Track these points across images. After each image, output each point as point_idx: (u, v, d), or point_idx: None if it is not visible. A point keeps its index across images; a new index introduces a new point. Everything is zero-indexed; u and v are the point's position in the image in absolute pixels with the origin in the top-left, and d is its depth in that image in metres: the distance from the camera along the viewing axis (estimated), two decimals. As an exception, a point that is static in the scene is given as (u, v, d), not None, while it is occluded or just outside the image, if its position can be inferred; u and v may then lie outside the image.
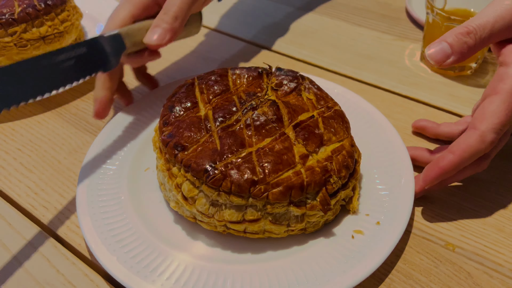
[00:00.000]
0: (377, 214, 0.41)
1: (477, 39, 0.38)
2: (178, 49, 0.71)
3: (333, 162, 0.39)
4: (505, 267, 0.39)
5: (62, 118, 0.59)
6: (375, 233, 0.39)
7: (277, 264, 0.39)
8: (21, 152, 0.54)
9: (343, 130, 0.42)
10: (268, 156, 0.38)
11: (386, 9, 0.79)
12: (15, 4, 0.62)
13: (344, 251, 0.39)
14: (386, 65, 0.65)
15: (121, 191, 0.45)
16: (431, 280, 0.39)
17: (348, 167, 0.40)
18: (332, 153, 0.40)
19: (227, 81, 0.46)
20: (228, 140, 0.39)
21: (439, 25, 0.59)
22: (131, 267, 0.38)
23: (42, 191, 0.49)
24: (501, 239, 0.42)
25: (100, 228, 0.41)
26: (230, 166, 0.37)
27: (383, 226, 0.39)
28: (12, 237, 0.44)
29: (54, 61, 0.41)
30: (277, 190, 0.37)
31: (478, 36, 0.38)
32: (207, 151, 0.39)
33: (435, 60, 0.39)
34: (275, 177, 0.37)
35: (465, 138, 0.38)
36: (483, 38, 0.38)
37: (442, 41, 0.38)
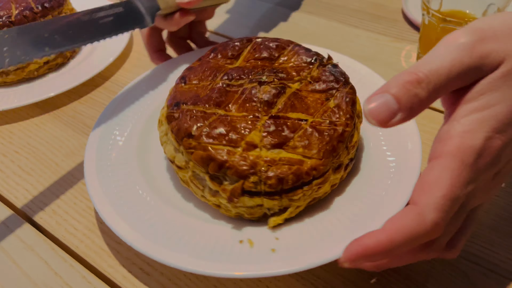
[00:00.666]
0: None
1: (431, 90, 0.28)
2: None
3: (272, 166, 0.37)
4: (501, 267, 0.40)
5: (60, 121, 0.59)
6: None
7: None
8: (18, 155, 0.54)
9: (320, 151, 0.38)
10: (223, 124, 0.39)
11: (383, 11, 0.79)
12: (12, 7, 0.62)
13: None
14: (383, 67, 0.66)
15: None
16: (428, 281, 0.39)
17: (282, 182, 0.37)
18: (281, 160, 0.37)
19: (279, 53, 0.47)
20: (214, 94, 0.42)
21: (435, 26, 0.59)
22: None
23: (40, 193, 0.49)
24: (497, 240, 0.42)
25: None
26: (188, 113, 0.40)
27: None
28: (9, 239, 0.44)
29: (94, 17, 0.46)
30: (200, 153, 0.38)
31: (432, 85, 0.28)
32: (193, 93, 0.42)
33: (377, 119, 0.28)
34: (209, 143, 0.38)
35: (401, 215, 0.28)
36: (438, 88, 0.28)
37: (386, 93, 0.28)
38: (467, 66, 0.28)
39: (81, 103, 0.62)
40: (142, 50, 0.72)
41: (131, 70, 0.68)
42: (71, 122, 0.58)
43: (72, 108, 0.61)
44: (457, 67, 0.28)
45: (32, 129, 0.58)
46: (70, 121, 0.59)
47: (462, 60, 0.28)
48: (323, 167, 0.38)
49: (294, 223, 0.39)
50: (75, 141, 0.55)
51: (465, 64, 0.28)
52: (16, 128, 0.58)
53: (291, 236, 0.38)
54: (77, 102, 0.62)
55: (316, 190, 0.39)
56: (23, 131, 0.57)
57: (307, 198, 0.39)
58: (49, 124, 0.58)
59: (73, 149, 0.54)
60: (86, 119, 0.59)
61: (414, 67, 0.29)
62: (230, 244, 0.38)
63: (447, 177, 0.27)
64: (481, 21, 0.29)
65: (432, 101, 0.29)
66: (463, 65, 0.28)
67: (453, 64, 0.28)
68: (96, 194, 0.42)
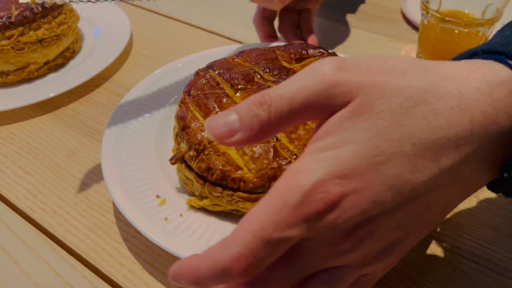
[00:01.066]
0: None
1: (272, 112, 0.25)
2: (174, 51, 0.71)
3: (213, 154, 0.39)
4: (499, 265, 0.40)
5: (60, 121, 0.59)
6: None
7: None
8: (19, 155, 0.54)
9: (260, 171, 0.38)
10: (219, 100, 0.43)
11: (382, 11, 0.80)
12: (12, 8, 0.62)
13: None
14: (382, 66, 0.66)
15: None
16: (428, 279, 0.39)
17: (208, 172, 0.39)
18: (225, 155, 0.39)
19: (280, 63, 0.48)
20: (239, 75, 0.46)
21: (434, 26, 0.59)
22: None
23: (41, 193, 0.49)
24: (495, 238, 0.42)
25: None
26: (203, 79, 0.46)
27: None
28: (10, 239, 0.44)
29: None
30: (180, 109, 0.44)
31: (273, 108, 0.25)
32: (229, 64, 0.48)
33: (214, 134, 0.26)
34: (193, 106, 0.43)
35: (218, 244, 0.25)
36: (279, 111, 0.25)
37: (233, 111, 0.26)
38: (315, 92, 0.25)
39: (81, 104, 0.62)
40: (142, 51, 0.72)
41: (131, 70, 0.68)
42: (71, 122, 0.59)
43: (72, 108, 0.61)
44: (303, 92, 0.25)
45: (32, 130, 0.58)
46: (70, 121, 0.59)
47: (311, 85, 0.25)
48: (252, 186, 0.38)
49: None
50: (75, 141, 0.55)
51: (313, 89, 0.25)
52: (16, 129, 0.58)
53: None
54: (77, 102, 0.62)
55: (236, 201, 0.39)
56: (23, 132, 0.58)
57: (228, 203, 0.39)
58: (49, 125, 0.58)
59: (73, 149, 0.54)
60: (86, 119, 0.59)
61: (269, 89, 0.26)
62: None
63: (261, 214, 0.24)
64: (356, 57, 0.27)
65: (277, 125, 0.26)
66: (310, 90, 0.25)
67: (300, 88, 0.25)
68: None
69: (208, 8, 0.84)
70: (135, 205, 0.41)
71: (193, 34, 0.76)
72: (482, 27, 0.57)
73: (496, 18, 0.57)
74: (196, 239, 0.39)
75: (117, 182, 0.43)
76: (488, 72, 0.25)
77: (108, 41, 0.70)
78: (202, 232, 0.39)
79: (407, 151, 0.24)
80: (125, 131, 0.50)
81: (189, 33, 0.77)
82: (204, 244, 0.38)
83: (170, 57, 0.70)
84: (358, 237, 0.25)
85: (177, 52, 0.71)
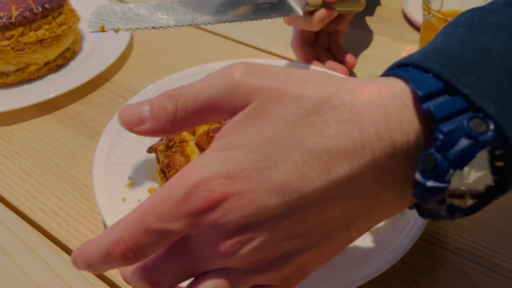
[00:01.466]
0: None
1: (178, 106, 0.27)
2: (174, 52, 0.71)
3: (177, 154, 0.41)
4: (503, 267, 0.40)
5: (60, 122, 0.59)
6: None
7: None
8: (19, 156, 0.54)
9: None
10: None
11: (383, 11, 0.79)
12: (12, 8, 0.62)
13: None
14: (383, 67, 0.65)
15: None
16: (430, 281, 0.39)
17: (168, 167, 0.41)
18: (187, 157, 0.41)
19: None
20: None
21: (436, 27, 0.59)
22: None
23: (41, 194, 0.49)
24: (499, 240, 0.42)
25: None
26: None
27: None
28: (10, 241, 0.44)
29: (255, 2, 0.53)
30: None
31: (180, 102, 0.27)
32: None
33: (124, 121, 0.28)
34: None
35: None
36: (185, 106, 0.27)
37: (147, 102, 0.28)
38: (218, 92, 0.26)
39: (81, 104, 0.62)
40: (143, 51, 0.72)
41: (131, 71, 0.68)
42: (72, 123, 0.58)
43: (73, 109, 0.61)
44: (208, 90, 0.26)
45: (33, 130, 0.58)
46: (71, 122, 0.58)
47: (216, 84, 0.26)
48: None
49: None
50: (76, 142, 0.55)
51: (217, 89, 0.26)
52: (17, 129, 0.58)
53: None
54: (77, 103, 0.62)
55: None
56: (24, 132, 0.57)
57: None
58: (50, 125, 0.58)
59: (74, 150, 0.54)
60: (86, 120, 0.59)
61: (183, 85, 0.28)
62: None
63: (147, 203, 0.25)
64: (268, 64, 0.28)
65: (183, 120, 0.27)
66: (214, 89, 0.26)
67: (207, 86, 0.27)
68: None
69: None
70: (106, 180, 0.44)
71: (194, 34, 0.76)
72: (484, 28, 0.57)
73: (498, 19, 0.57)
74: None
75: (102, 158, 0.46)
76: (383, 85, 0.25)
77: (109, 42, 0.70)
78: None
79: (296, 159, 0.24)
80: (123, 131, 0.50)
81: (190, 33, 0.77)
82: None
83: (170, 58, 0.70)
84: (240, 241, 0.24)
85: (177, 53, 0.71)
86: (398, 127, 0.24)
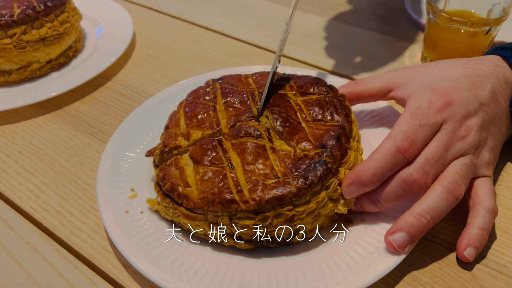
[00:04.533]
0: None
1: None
2: (178, 51, 0.71)
3: (172, 165, 0.42)
4: (509, 268, 0.39)
5: (63, 121, 0.58)
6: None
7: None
8: (22, 155, 0.53)
9: (203, 192, 0.38)
10: (202, 112, 0.46)
11: (387, 11, 0.79)
12: (15, 6, 0.61)
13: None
14: (387, 66, 0.65)
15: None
16: (435, 282, 0.39)
17: (163, 180, 0.41)
18: (181, 170, 0.41)
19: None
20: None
21: (440, 26, 0.59)
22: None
23: (44, 194, 0.48)
24: (505, 240, 0.42)
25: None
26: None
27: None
28: (13, 240, 0.44)
29: None
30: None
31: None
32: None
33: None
34: (185, 112, 0.47)
35: (380, 145, 0.40)
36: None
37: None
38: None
39: (84, 103, 0.61)
40: (145, 50, 0.72)
41: (133, 69, 0.67)
42: (74, 121, 0.58)
43: (75, 107, 0.61)
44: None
45: (35, 129, 0.57)
46: (73, 121, 0.58)
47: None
48: (193, 205, 0.38)
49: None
50: (79, 141, 0.55)
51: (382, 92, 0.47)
52: (19, 128, 0.58)
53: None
54: (79, 101, 0.62)
55: (178, 215, 0.40)
56: (26, 131, 0.57)
57: (174, 216, 0.40)
58: (52, 124, 0.58)
59: (77, 149, 0.54)
60: (89, 118, 0.58)
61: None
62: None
63: (406, 115, 0.41)
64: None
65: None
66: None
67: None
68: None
69: (212, 7, 0.84)
70: (110, 192, 0.44)
71: (197, 33, 0.76)
72: (489, 27, 0.56)
73: (502, 18, 0.56)
74: (141, 238, 0.40)
75: (106, 167, 0.46)
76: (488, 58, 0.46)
77: (111, 40, 0.70)
78: (149, 234, 0.40)
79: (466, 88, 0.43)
80: (133, 134, 0.51)
81: (193, 32, 0.76)
82: (145, 245, 0.39)
83: (173, 57, 0.70)
84: (469, 127, 0.40)
85: (180, 52, 0.71)
86: (505, 70, 0.45)
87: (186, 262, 0.38)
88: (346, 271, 0.37)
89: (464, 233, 0.40)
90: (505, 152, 0.45)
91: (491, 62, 0.45)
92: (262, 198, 0.36)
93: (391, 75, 0.47)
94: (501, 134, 0.44)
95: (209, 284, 0.36)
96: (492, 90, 0.43)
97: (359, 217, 0.42)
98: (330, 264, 0.38)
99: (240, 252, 0.40)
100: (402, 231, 0.37)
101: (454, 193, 0.38)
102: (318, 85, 0.47)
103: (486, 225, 0.39)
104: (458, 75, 0.43)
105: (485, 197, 0.40)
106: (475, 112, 0.41)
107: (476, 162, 0.41)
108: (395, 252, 0.37)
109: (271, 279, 0.37)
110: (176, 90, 0.56)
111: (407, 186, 0.39)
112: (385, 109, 0.51)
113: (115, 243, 0.39)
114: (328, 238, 0.40)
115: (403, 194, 0.39)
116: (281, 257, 0.39)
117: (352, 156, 0.41)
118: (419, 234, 0.38)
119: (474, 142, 0.40)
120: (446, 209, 0.38)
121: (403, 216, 0.38)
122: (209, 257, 0.39)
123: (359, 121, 0.51)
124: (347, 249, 0.39)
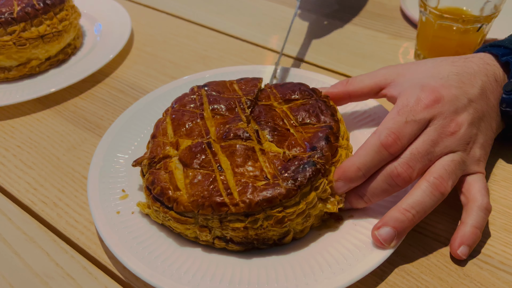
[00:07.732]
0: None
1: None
2: (175, 48, 0.72)
3: (161, 169, 0.41)
4: (494, 258, 0.40)
5: (61, 116, 0.60)
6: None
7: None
8: (20, 149, 0.55)
9: (192, 196, 0.38)
10: (190, 119, 0.46)
11: (381, 8, 0.80)
12: (14, 4, 0.63)
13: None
14: (381, 63, 0.66)
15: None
16: (422, 272, 0.39)
17: (153, 184, 0.41)
18: (171, 173, 0.41)
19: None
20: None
21: (432, 23, 0.59)
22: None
23: (41, 186, 0.49)
24: (492, 233, 0.42)
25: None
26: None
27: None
28: (12, 231, 0.45)
29: None
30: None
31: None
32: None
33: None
34: (173, 121, 0.46)
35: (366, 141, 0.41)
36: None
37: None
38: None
39: (82, 99, 0.62)
40: (143, 47, 0.73)
41: (131, 66, 0.68)
42: (72, 117, 0.59)
43: (73, 103, 0.62)
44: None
45: (34, 124, 0.58)
46: (71, 116, 0.59)
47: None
48: (183, 209, 0.38)
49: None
50: (76, 136, 0.56)
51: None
52: (18, 123, 0.59)
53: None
54: (78, 97, 0.63)
55: (168, 219, 0.40)
56: (25, 126, 0.58)
57: (164, 219, 0.40)
58: (51, 119, 0.59)
59: (74, 143, 0.55)
60: (87, 114, 0.60)
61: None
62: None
63: (393, 112, 0.41)
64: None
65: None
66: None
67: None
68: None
69: (209, 6, 0.85)
70: (101, 193, 0.44)
71: (194, 31, 0.77)
72: (480, 24, 0.57)
73: (494, 15, 0.57)
74: (132, 238, 0.40)
75: (97, 168, 0.46)
76: (479, 55, 0.48)
77: (109, 38, 0.71)
78: (140, 234, 0.41)
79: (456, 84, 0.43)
80: (124, 135, 0.51)
81: (190, 30, 0.77)
82: (136, 245, 0.39)
83: (170, 54, 0.71)
84: (459, 123, 0.41)
85: (177, 49, 0.72)
86: (495, 67, 0.46)
87: (177, 261, 0.39)
88: (335, 266, 0.37)
89: (458, 231, 0.40)
90: (495, 148, 0.46)
91: (481, 60, 0.46)
92: (252, 200, 0.37)
93: (381, 73, 0.47)
94: (491, 131, 0.44)
95: (200, 281, 0.37)
96: (482, 87, 0.43)
97: (348, 213, 0.42)
98: (320, 260, 0.38)
99: (231, 252, 0.40)
100: (387, 226, 0.38)
101: (440, 188, 0.38)
102: (301, 90, 0.47)
103: (479, 223, 0.40)
104: (448, 72, 0.44)
105: (478, 195, 0.40)
106: (465, 108, 0.41)
107: (467, 159, 0.41)
108: (381, 247, 0.38)
109: (261, 276, 0.38)
110: (171, 88, 0.57)
111: (392, 180, 0.39)
112: (376, 109, 0.52)
113: (106, 243, 0.39)
114: (318, 235, 0.41)
115: (389, 188, 0.40)
116: (271, 255, 0.40)
117: (343, 155, 0.42)
118: (405, 228, 0.38)
119: (464, 138, 0.41)
120: (432, 204, 0.39)
121: (389, 212, 0.39)
122: (200, 256, 0.40)
123: (350, 122, 0.51)
124: (336, 245, 0.40)
